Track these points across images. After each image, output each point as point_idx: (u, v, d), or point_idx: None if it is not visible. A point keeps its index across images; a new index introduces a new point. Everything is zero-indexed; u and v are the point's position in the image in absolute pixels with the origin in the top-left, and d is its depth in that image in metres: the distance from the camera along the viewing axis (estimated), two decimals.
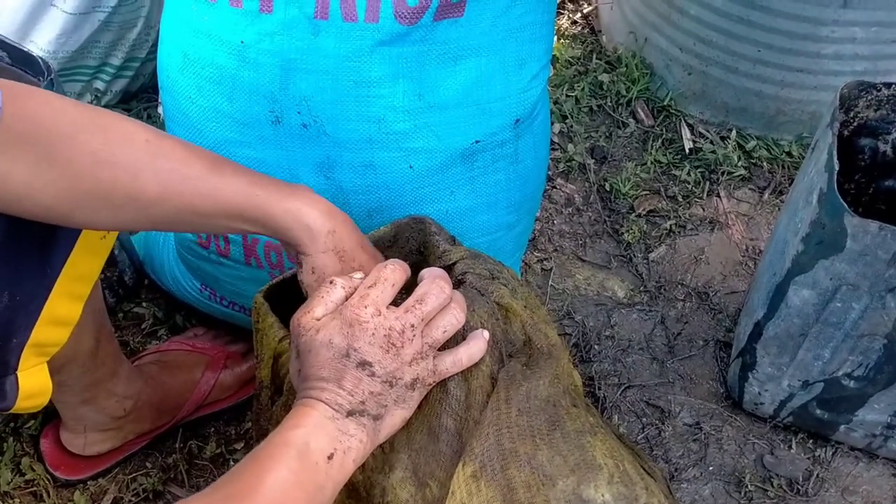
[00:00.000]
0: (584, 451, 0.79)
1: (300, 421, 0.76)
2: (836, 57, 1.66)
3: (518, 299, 0.91)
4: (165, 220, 0.84)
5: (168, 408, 1.31)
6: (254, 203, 0.84)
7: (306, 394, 0.79)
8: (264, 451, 0.74)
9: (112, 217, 0.81)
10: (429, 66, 1.08)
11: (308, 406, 0.78)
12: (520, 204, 1.28)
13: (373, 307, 0.80)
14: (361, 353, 0.78)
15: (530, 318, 0.90)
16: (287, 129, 1.10)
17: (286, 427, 0.76)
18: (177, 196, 0.81)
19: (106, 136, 0.78)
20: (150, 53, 1.79)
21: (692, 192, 1.79)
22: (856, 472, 1.38)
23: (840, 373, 1.23)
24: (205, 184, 0.82)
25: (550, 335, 0.89)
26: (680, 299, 1.61)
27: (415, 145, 1.12)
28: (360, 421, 0.78)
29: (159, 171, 0.80)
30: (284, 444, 0.74)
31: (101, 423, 1.25)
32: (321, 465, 0.75)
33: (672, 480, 1.37)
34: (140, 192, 0.79)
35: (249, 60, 1.07)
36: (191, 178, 0.82)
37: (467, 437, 0.81)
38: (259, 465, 0.73)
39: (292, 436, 0.75)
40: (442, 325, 0.83)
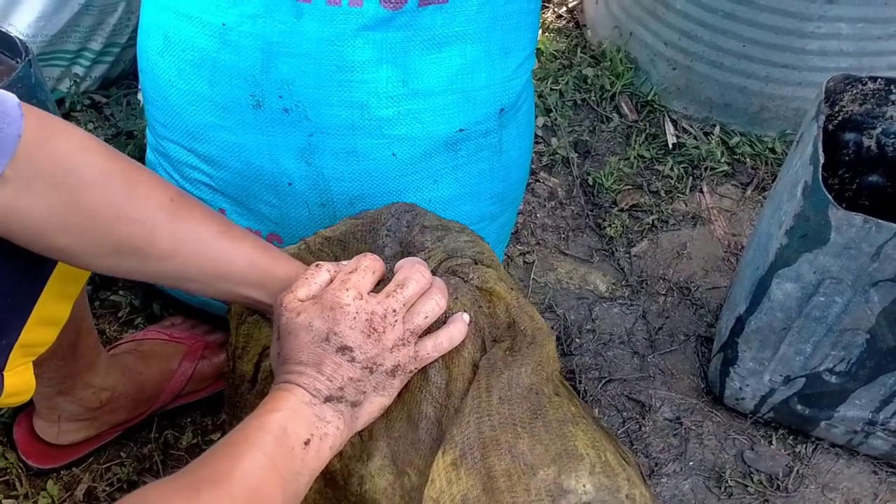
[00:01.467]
0: (566, 440, 0.78)
1: (277, 405, 0.75)
2: (821, 53, 1.66)
3: (504, 281, 0.90)
4: (164, 276, 0.84)
5: (144, 398, 1.29)
6: (257, 266, 0.85)
7: (284, 378, 0.78)
8: (239, 435, 0.73)
9: (114, 264, 0.81)
10: (413, 51, 1.07)
11: (286, 390, 0.76)
12: (503, 195, 1.27)
13: (354, 290, 0.79)
14: (342, 338, 0.77)
15: (516, 301, 0.89)
16: (268, 113, 1.08)
17: (263, 411, 0.75)
18: (184, 256, 0.82)
19: (133, 192, 0.79)
20: (130, 39, 1.76)
21: (675, 188, 1.78)
22: (836, 469, 1.38)
23: (822, 368, 1.23)
24: (215, 246, 0.83)
25: (536, 318, 0.88)
26: (661, 294, 1.60)
27: (398, 132, 1.10)
28: (337, 407, 0.77)
29: (176, 232, 0.81)
30: (260, 429, 0.73)
31: (76, 414, 1.23)
32: (297, 451, 0.73)
33: (652, 475, 1.36)
34: (151, 249, 0.80)
35: (231, 43, 1.05)
36: (203, 240, 0.83)
37: (447, 424, 0.80)
38: (234, 449, 0.71)
39: (269, 420, 0.74)
40: (423, 311, 0.82)
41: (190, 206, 0.84)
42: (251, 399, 0.90)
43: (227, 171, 1.15)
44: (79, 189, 0.75)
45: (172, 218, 0.81)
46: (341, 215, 1.13)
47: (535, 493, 0.73)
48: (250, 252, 0.86)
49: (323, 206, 1.16)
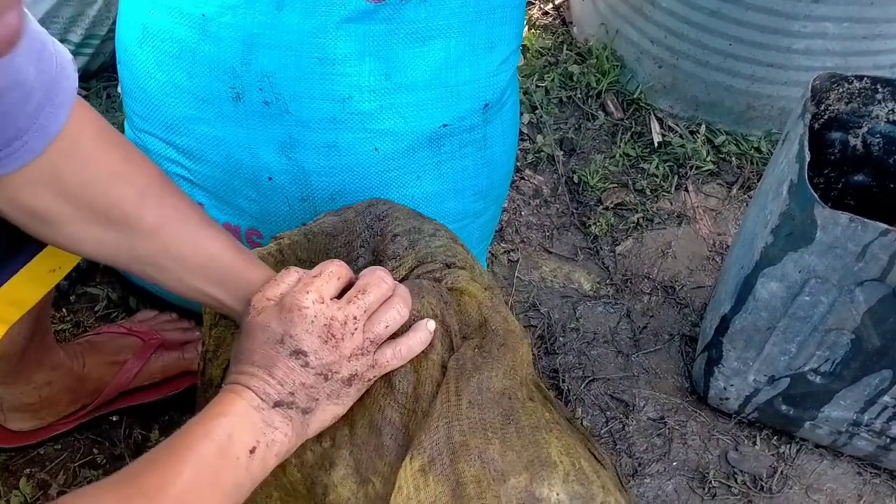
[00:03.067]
0: (539, 447, 0.77)
1: (224, 409, 0.73)
2: (807, 52, 1.65)
3: (476, 281, 0.88)
4: (142, 257, 0.81)
5: (85, 391, 1.26)
6: (234, 265, 0.84)
7: (235, 378, 0.76)
8: (182, 441, 0.70)
9: (98, 235, 0.79)
10: (396, 45, 1.05)
11: (235, 392, 0.74)
12: (487, 191, 1.26)
13: (315, 294, 0.77)
14: (297, 341, 0.75)
15: (489, 301, 0.87)
16: (248, 106, 1.06)
17: (209, 415, 0.72)
18: (168, 235, 0.81)
19: (128, 156, 0.79)
20: (110, 31, 1.74)
21: (660, 186, 1.77)
22: (820, 470, 1.37)
23: (806, 368, 1.22)
24: (199, 231, 0.82)
25: (510, 320, 0.86)
26: (646, 293, 1.59)
27: (380, 127, 1.09)
28: (287, 413, 0.75)
29: (163, 206, 0.80)
30: (206, 436, 0.70)
31: (17, 405, 1.21)
32: (242, 461, 0.71)
33: (635, 475, 1.35)
34: (139, 220, 0.79)
35: (210, 34, 1.03)
36: (189, 221, 0.82)
37: (415, 429, 0.78)
38: (176, 458, 0.69)
39: (214, 426, 0.71)
40: (384, 320, 0.80)
41: (176, 187, 0.84)
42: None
43: (207, 164, 1.13)
44: (77, 142, 0.75)
45: (161, 191, 0.80)
46: (322, 210, 1.11)
47: (506, 501, 0.71)
48: (230, 247, 0.84)
49: (303, 201, 1.14)
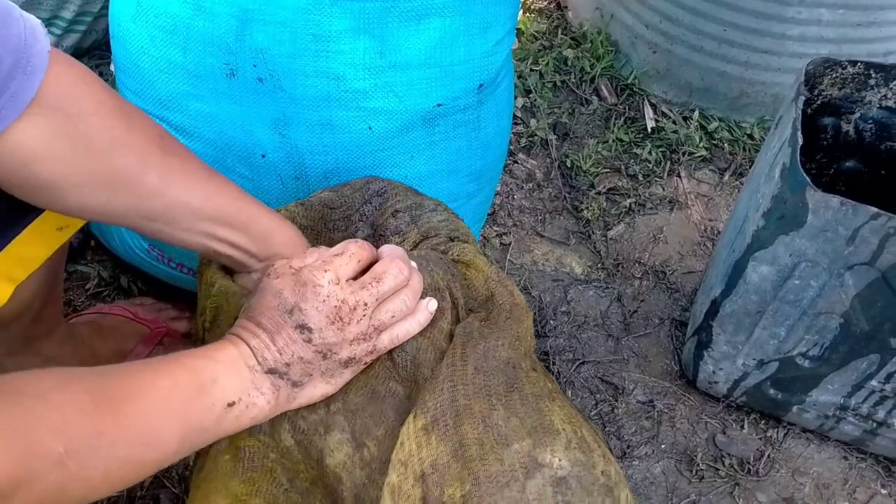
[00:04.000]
0: (542, 415, 0.77)
1: (219, 355, 0.73)
2: (801, 39, 1.65)
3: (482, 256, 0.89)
4: (153, 215, 0.82)
5: None
6: (245, 210, 0.85)
7: (239, 332, 0.76)
8: (167, 367, 0.71)
9: (106, 200, 0.79)
10: (391, 23, 1.05)
11: (234, 345, 0.75)
12: (480, 173, 1.26)
13: (333, 274, 0.77)
14: (305, 316, 0.76)
15: (496, 275, 0.88)
16: (242, 82, 1.06)
17: (203, 355, 0.73)
18: (175, 192, 0.81)
19: (129, 123, 0.78)
20: (102, 9, 1.72)
21: (653, 172, 1.78)
22: (807, 454, 1.38)
23: (795, 352, 1.23)
24: (205, 186, 0.83)
25: (515, 293, 0.87)
26: (637, 277, 1.60)
27: (374, 105, 1.08)
28: (276, 382, 0.75)
29: (168, 166, 0.80)
30: (191, 371, 0.71)
31: None
32: (217, 409, 0.71)
33: (624, 458, 1.36)
34: (144, 182, 0.79)
35: (205, 9, 1.03)
36: (193, 177, 0.83)
37: (416, 395, 0.79)
38: (154, 382, 0.69)
39: (203, 366, 0.72)
40: (391, 310, 0.80)
41: (177, 144, 0.84)
42: None
43: (200, 141, 1.13)
44: (78, 117, 0.74)
45: (163, 153, 0.80)
46: (315, 189, 1.11)
47: (509, 464, 0.72)
48: (238, 195, 0.85)
49: (297, 180, 1.14)
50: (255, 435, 0.79)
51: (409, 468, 0.73)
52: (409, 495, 0.72)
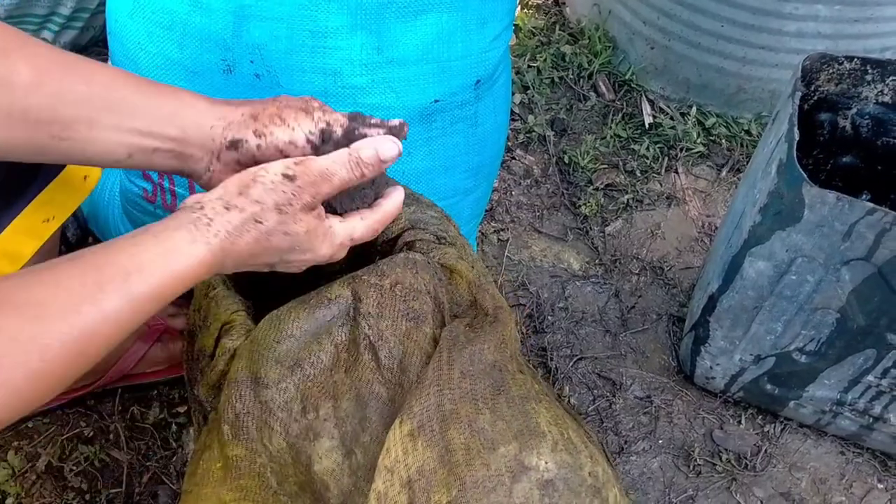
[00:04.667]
0: (529, 417, 0.77)
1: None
2: (799, 35, 1.65)
3: (465, 260, 0.89)
4: (45, 117, 0.73)
5: (89, 371, 1.26)
6: (135, 85, 0.76)
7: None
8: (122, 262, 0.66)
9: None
10: (388, 18, 1.05)
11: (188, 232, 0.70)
12: (478, 169, 1.26)
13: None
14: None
15: (477, 279, 0.87)
16: (239, 78, 1.06)
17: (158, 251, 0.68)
18: (54, 80, 0.73)
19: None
20: (100, 5, 1.72)
21: (650, 168, 1.78)
22: (804, 449, 1.39)
23: (792, 347, 1.23)
24: (86, 65, 0.75)
25: (497, 297, 0.87)
26: (635, 273, 1.60)
27: (372, 101, 1.08)
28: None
29: (31, 54, 0.73)
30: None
31: None
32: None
33: (621, 453, 1.36)
34: (12, 74, 0.71)
35: (201, 5, 1.03)
36: (66, 63, 0.74)
37: (401, 400, 0.79)
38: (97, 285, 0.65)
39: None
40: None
41: (37, 40, 0.76)
42: (209, 374, 0.88)
43: None
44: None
45: (24, 44, 0.73)
46: None
47: (495, 469, 0.72)
48: (127, 76, 0.77)
49: None
50: (244, 442, 0.78)
51: (396, 474, 0.73)
52: (395, 501, 0.72)
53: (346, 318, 0.83)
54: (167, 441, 1.30)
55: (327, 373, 0.82)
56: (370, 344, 0.82)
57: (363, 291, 0.84)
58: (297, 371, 0.81)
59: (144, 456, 1.28)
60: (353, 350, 0.82)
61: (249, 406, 0.80)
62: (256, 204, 0.72)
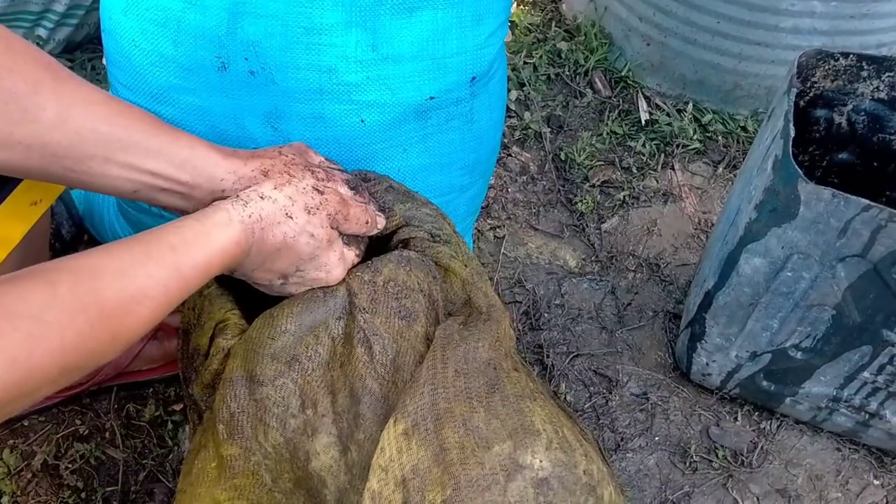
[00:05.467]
0: (523, 415, 0.77)
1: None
2: (795, 31, 1.65)
3: (458, 258, 0.89)
4: (62, 150, 0.76)
5: None
6: (158, 134, 0.81)
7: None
8: (156, 272, 0.71)
9: (7, 132, 0.73)
10: (383, 15, 1.04)
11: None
12: (474, 166, 1.26)
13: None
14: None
15: (470, 278, 0.87)
16: (234, 75, 1.06)
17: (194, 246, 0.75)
18: (77, 120, 0.76)
19: (9, 44, 0.74)
20: (94, 2, 1.72)
21: (647, 164, 1.78)
22: (800, 446, 1.39)
23: (788, 344, 1.23)
24: (106, 109, 0.78)
25: (490, 295, 0.87)
26: (631, 270, 1.60)
27: (367, 98, 1.08)
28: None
29: (61, 91, 0.76)
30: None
31: None
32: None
33: (618, 450, 1.36)
34: (39, 110, 0.74)
35: (196, 2, 1.02)
36: (92, 102, 0.78)
37: (394, 399, 0.79)
38: (144, 293, 0.69)
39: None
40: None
41: (67, 71, 0.79)
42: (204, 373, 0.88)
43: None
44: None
45: (54, 78, 0.76)
46: None
47: (490, 468, 0.72)
48: (144, 116, 0.81)
49: None
50: (239, 441, 0.78)
51: (390, 473, 0.73)
52: (389, 501, 0.72)
53: (342, 311, 0.83)
54: (163, 439, 1.29)
55: (325, 367, 0.82)
56: (364, 337, 0.82)
57: (357, 287, 0.84)
58: (295, 366, 0.80)
59: (140, 454, 1.28)
60: (347, 344, 0.82)
61: (244, 405, 0.79)
62: (289, 199, 0.80)
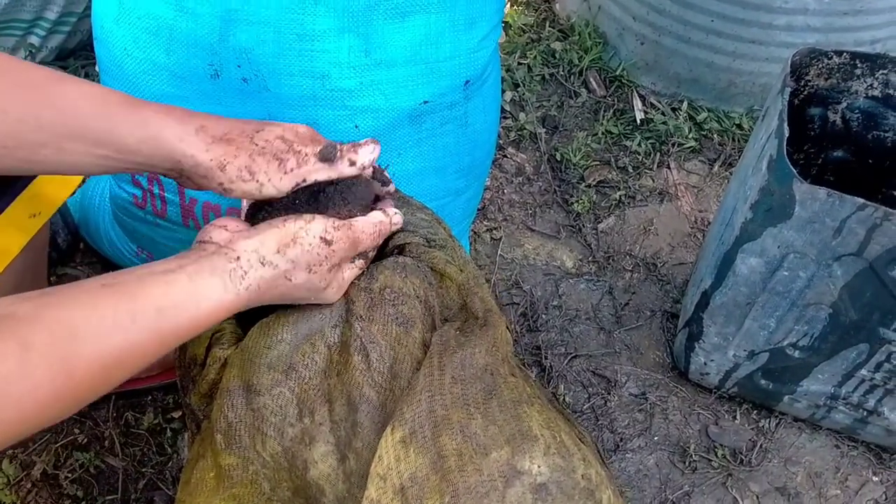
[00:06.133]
0: (521, 421, 0.77)
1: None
2: (788, 28, 1.65)
3: (454, 264, 0.88)
4: (11, 143, 0.72)
5: None
6: (113, 112, 0.75)
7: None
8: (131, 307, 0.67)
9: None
10: (376, 20, 1.04)
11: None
12: (469, 169, 1.26)
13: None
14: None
15: (467, 283, 0.87)
16: (227, 83, 1.05)
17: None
18: (18, 106, 0.71)
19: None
20: (87, 9, 1.72)
21: (642, 164, 1.78)
22: (799, 443, 1.39)
23: (785, 342, 1.23)
24: (48, 88, 0.73)
25: (487, 300, 0.87)
26: (628, 270, 1.60)
27: (360, 104, 1.08)
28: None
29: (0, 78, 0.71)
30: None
31: None
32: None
33: (617, 450, 1.36)
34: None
35: (187, 10, 1.02)
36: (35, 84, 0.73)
37: (392, 406, 0.78)
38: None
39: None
40: None
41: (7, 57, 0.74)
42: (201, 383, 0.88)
43: None
44: None
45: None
46: None
47: (488, 474, 0.71)
48: (96, 97, 0.75)
49: None
50: (237, 450, 0.78)
51: (388, 482, 0.73)
52: None
53: (338, 319, 0.83)
54: (162, 447, 1.29)
55: (322, 375, 0.81)
56: (361, 345, 0.82)
57: (354, 295, 0.84)
58: (292, 375, 0.80)
59: (140, 462, 1.28)
60: (344, 352, 0.82)
61: (241, 414, 0.79)
62: (290, 263, 0.76)
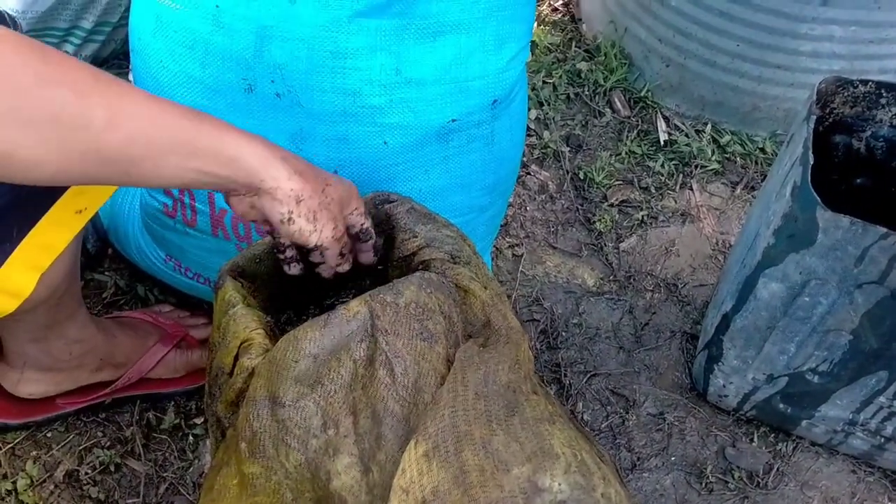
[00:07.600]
0: (542, 439, 0.78)
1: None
2: (814, 55, 1.66)
3: (478, 280, 0.90)
4: (116, 156, 0.76)
5: (112, 363, 1.27)
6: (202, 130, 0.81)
7: None
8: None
9: (60, 151, 0.73)
10: (407, 40, 1.06)
11: None
12: (493, 186, 1.27)
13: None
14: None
15: (490, 300, 0.88)
16: (260, 97, 1.08)
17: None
18: (128, 120, 0.75)
19: (45, 56, 0.72)
20: (122, 18, 1.75)
21: (665, 184, 1.78)
22: (815, 468, 1.39)
23: (805, 367, 1.24)
24: (153, 106, 0.77)
25: (509, 317, 0.88)
26: (649, 290, 1.61)
27: (390, 121, 1.10)
28: None
29: (106, 93, 0.74)
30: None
31: (43, 364, 1.21)
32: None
33: (634, 469, 1.37)
34: (90, 116, 0.73)
35: (224, 25, 1.05)
36: (138, 101, 0.77)
37: (416, 420, 0.80)
38: None
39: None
40: None
41: (108, 75, 0.78)
42: (228, 391, 0.89)
43: None
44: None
45: (97, 80, 0.75)
46: None
47: (509, 490, 0.72)
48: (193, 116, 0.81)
49: None
50: (261, 459, 0.80)
51: (411, 495, 0.74)
52: None
53: (364, 333, 0.84)
54: (184, 452, 1.31)
55: (347, 388, 0.83)
56: (386, 359, 0.83)
57: (380, 310, 0.85)
58: (318, 388, 0.82)
59: (161, 466, 1.30)
60: (370, 367, 0.83)
61: (266, 425, 0.81)
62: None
